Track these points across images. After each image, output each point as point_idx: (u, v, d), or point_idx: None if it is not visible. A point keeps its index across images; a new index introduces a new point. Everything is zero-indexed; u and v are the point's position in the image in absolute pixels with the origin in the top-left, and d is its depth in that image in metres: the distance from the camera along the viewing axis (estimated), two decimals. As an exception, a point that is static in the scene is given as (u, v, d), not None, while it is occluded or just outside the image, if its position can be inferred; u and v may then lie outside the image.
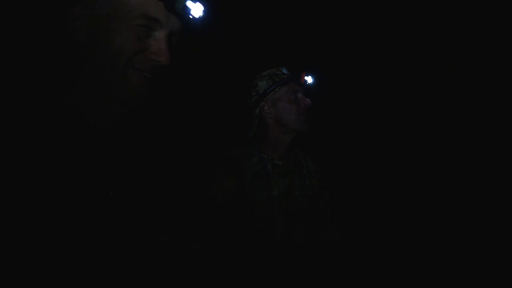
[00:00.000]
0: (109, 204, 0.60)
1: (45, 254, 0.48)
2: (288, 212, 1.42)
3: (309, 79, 1.46)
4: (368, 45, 3.55)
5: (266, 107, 1.48)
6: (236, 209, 1.36)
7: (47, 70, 0.65)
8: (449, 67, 3.47)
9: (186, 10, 0.62)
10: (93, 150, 0.62)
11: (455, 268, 2.83)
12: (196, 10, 0.64)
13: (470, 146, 3.42)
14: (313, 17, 3.33)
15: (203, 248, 1.30)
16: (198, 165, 1.54)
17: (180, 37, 0.69)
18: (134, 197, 0.68)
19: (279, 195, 1.42)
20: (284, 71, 1.50)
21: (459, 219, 3.18)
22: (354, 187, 3.31)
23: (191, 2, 0.62)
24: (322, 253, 1.50)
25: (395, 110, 3.72)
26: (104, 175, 0.61)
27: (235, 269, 1.34)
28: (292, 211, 1.44)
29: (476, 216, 3.12)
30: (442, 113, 3.54)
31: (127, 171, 0.68)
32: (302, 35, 3.38)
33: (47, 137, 0.54)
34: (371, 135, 3.73)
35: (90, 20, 0.61)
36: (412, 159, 3.60)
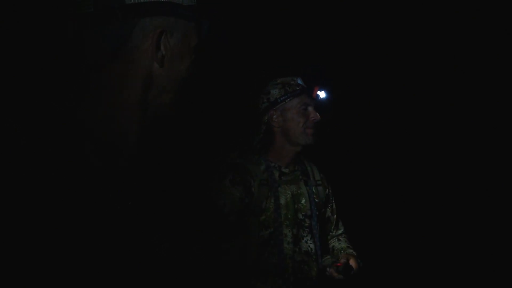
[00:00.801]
0: (109, 204, 0.59)
1: (44, 255, 0.48)
2: (295, 220, 1.44)
3: (321, 94, 1.46)
4: (375, 51, 3.54)
5: (274, 116, 1.48)
6: (243, 217, 1.38)
7: (51, 73, 0.63)
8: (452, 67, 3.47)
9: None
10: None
11: (456, 269, 2.84)
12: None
13: (478, 148, 3.42)
14: (314, 18, 3.32)
15: (204, 250, 1.31)
16: (201, 168, 1.53)
17: None
18: (134, 197, 0.68)
19: (286, 203, 1.43)
20: (299, 81, 1.51)
21: (465, 225, 3.17)
22: (360, 193, 3.30)
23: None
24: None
25: (401, 118, 3.72)
26: (103, 174, 0.61)
27: (242, 277, 1.37)
28: (299, 218, 1.46)
29: (498, 227, 3.08)
30: (449, 126, 3.52)
31: (126, 170, 0.68)
32: (304, 36, 3.37)
33: (47, 137, 0.54)
34: (377, 142, 3.73)
35: (172, 49, 0.63)
36: (417, 165, 3.60)
